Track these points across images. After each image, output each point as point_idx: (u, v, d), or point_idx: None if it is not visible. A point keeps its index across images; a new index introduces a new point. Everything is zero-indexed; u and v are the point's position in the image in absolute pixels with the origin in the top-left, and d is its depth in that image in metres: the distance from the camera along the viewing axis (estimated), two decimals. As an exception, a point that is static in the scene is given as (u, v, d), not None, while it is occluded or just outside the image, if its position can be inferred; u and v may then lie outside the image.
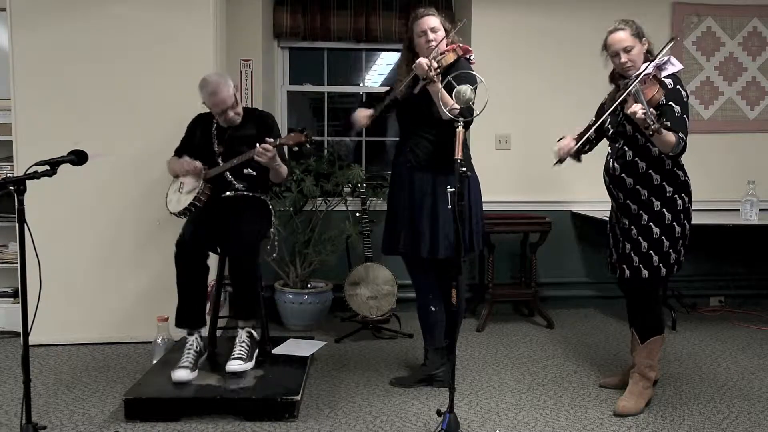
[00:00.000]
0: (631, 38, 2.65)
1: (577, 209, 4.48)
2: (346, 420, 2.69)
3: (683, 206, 2.68)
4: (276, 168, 2.99)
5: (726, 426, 2.67)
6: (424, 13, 2.92)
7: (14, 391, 2.97)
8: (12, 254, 3.84)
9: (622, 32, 2.66)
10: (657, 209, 2.67)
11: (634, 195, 2.70)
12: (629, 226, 2.73)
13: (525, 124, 4.50)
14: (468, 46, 2.95)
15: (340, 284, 4.02)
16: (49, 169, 2.31)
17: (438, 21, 2.90)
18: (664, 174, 2.66)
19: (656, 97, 2.51)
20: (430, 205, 2.87)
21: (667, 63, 2.63)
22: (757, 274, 4.73)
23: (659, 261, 2.68)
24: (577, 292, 4.61)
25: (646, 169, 2.67)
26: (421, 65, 2.72)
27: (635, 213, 2.71)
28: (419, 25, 2.90)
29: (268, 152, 2.85)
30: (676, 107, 2.57)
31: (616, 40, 2.67)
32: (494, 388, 3.07)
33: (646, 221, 2.68)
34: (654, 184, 2.67)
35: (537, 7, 4.46)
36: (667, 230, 2.67)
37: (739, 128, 4.65)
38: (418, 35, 2.91)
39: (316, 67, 4.78)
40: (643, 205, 2.69)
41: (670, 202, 2.66)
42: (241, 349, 2.91)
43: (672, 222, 2.67)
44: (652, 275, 2.70)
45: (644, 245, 2.69)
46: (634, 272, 2.72)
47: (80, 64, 3.56)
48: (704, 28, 4.57)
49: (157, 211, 3.34)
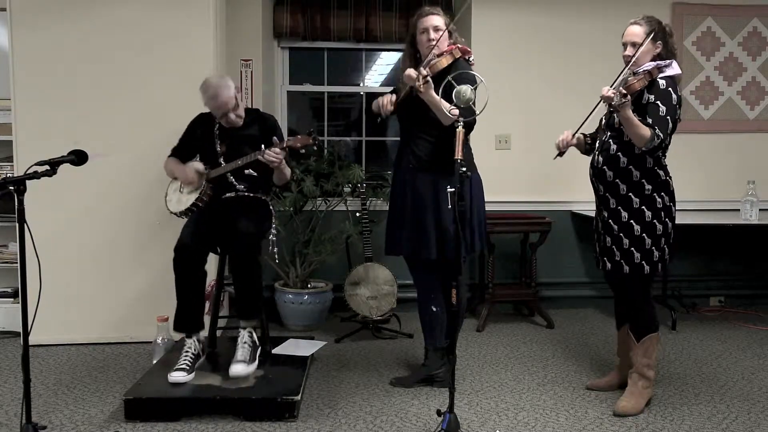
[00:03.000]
0: (643, 36, 2.68)
1: (577, 209, 4.48)
2: (346, 420, 2.69)
3: (663, 205, 2.71)
4: (282, 170, 3.00)
5: (726, 426, 2.67)
6: (430, 11, 2.93)
7: (14, 391, 2.97)
8: (12, 254, 3.84)
9: (638, 27, 2.71)
10: (636, 206, 2.71)
11: (613, 189, 2.74)
12: (607, 219, 2.77)
13: (525, 124, 4.50)
14: (467, 47, 2.95)
15: (340, 284, 4.02)
16: (49, 169, 2.31)
17: (442, 21, 2.90)
18: (644, 171, 2.70)
19: (635, 86, 2.60)
20: (434, 206, 2.87)
21: (668, 67, 2.66)
22: (757, 274, 4.73)
23: (641, 258, 2.71)
24: (577, 292, 4.61)
25: (627, 164, 2.71)
26: (410, 77, 2.74)
27: (614, 208, 2.75)
28: (423, 22, 2.91)
29: (278, 155, 2.87)
30: (662, 107, 2.61)
31: (629, 33, 2.72)
32: (494, 388, 3.07)
33: (627, 219, 2.72)
34: (633, 180, 2.70)
35: (537, 6, 4.46)
36: (648, 228, 2.70)
37: (739, 128, 4.65)
38: (420, 32, 2.91)
39: (316, 67, 4.78)
40: (622, 201, 2.73)
41: (650, 200, 2.70)
42: (244, 351, 2.89)
43: (653, 220, 2.70)
44: (634, 271, 2.72)
45: (625, 242, 2.72)
46: (615, 266, 2.76)
47: (80, 64, 3.56)
48: (704, 28, 4.57)
49: (157, 211, 3.34)
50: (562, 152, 2.85)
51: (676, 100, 2.65)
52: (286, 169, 3.03)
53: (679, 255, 4.39)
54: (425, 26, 2.89)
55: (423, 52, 2.92)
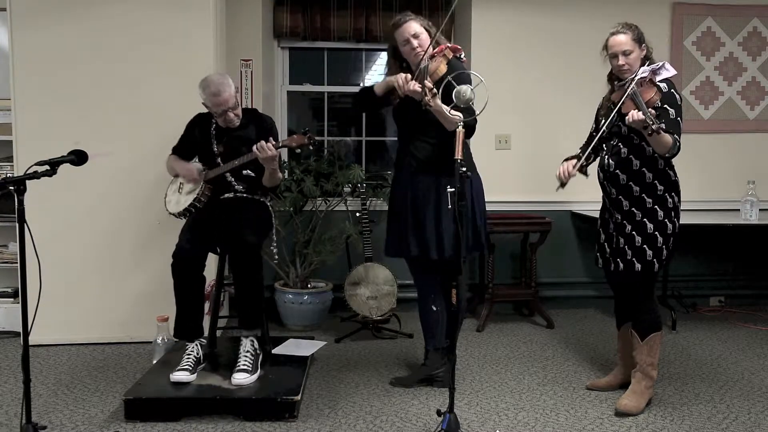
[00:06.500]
0: (631, 42, 2.70)
1: (577, 209, 4.48)
2: (346, 420, 2.69)
3: (673, 204, 2.75)
4: (273, 171, 2.99)
5: (726, 426, 2.67)
6: (402, 20, 2.86)
7: (14, 391, 2.97)
8: (12, 254, 3.84)
9: (623, 35, 2.71)
10: (649, 206, 2.73)
11: (626, 191, 2.75)
12: (621, 220, 2.78)
13: (525, 124, 4.50)
14: (457, 45, 2.91)
15: (340, 284, 4.02)
16: (49, 169, 2.31)
17: (418, 25, 2.84)
18: (657, 173, 2.72)
19: (653, 99, 2.58)
20: (435, 207, 2.86)
21: (662, 68, 2.67)
22: (757, 274, 4.73)
23: (653, 256, 2.73)
24: (577, 292, 4.61)
25: (639, 167, 2.72)
26: (415, 92, 2.68)
27: (627, 209, 2.76)
28: (400, 34, 2.85)
29: (267, 150, 2.85)
30: (671, 110, 2.63)
31: (616, 43, 2.72)
32: (494, 388, 3.07)
33: (640, 217, 2.73)
34: (646, 182, 2.72)
35: (537, 6, 4.46)
36: (660, 226, 2.72)
37: (739, 128, 4.65)
38: (402, 44, 2.86)
39: (316, 67, 4.78)
40: (635, 202, 2.74)
41: (662, 200, 2.73)
42: (246, 359, 2.89)
43: (664, 219, 2.73)
44: (645, 269, 2.74)
45: (638, 240, 2.73)
46: (627, 265, 2.76)
47: (80, 64, 3.56)
48: (704, 28, 4.57)
49: (157, 211, 3.34)
50: (564, 183, 2.79)
51: (680, 100, 2.68)
52: (278, 171, 3.02)
53: (679, 255, 4.39)
54: (404, 37, 2.83)
55: (411, 61, 2.87)
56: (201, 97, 3.01)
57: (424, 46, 2.82)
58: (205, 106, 3.05)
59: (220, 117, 3.04)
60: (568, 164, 2.80)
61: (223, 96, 2.96)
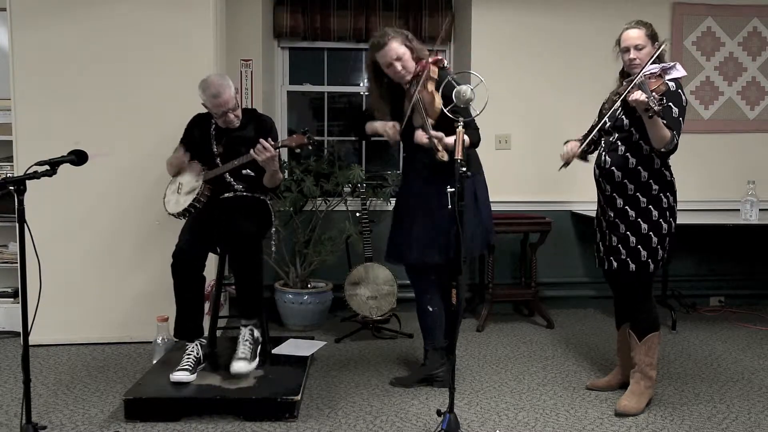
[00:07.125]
0: (644, 38, 2.72)
1: (577, 209, 4.48)
2: (346, 420, 2.69)
3: (668, 204, 2.75)
4: (273, 171, 2.99)
5: (726, 426, 2.67)
6: (383, 41, 2.79)
7: (14, 391, 2.97)
8: (12, 254, 3.84)
9: (637, 30, 2.73)
10: (643, 206, 2.73)
11: (621, 189, 2.75)
12: (614, 218, 2.78)
13: (525, 124, 4.50)
14: (438, 56, 2.85)
15: (340, 284, 4.02)
16: (49, 169, 2.31)
17: (399, 44, 2.78)
18: (652, 172, 2.72)
19: (660, 88, 2.59)
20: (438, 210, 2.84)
21: (673, 69, 2.68)
22: (757, 274, 4.73)
23: (647, 256, 2.72)
24: (577, 292, 4.61)
25: (635, 165, 2.72)
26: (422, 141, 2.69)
27: (620, 207, 2.76)
28: (382, 57, 2.80)
29: (266, 151, 2.85)
30: (675, 109, 2.63)
31: (629, 37, 2.74)
32: (494, 388, 3.07)
33: (634, 217, 2.73)
34: (641, 181, 2.72)
35: (537, 6, 4.46)
36: (654, 226, 2.72)
37: (739, 128, 4.65)
38: (385, 67, 2.83)
39: (316, 67, 4.78)
40: (629, 201, 2.74)
41: (656, 200, 2.72)
42: (245, 348, 2.90)
43: (659, 219, 2.72)
44: (640, 269, 2.74)
45: (632, 240, 2.73)
46: (621, 264, 2.76)
47: (80, 64, 3.56)
48: (704, 28, 4.57)
49: (157, 211, 3.33)
50: (567, 163, 2.83)
51: (685, 101, 2.68)
52: (278, 172, 3.02)
53: (679, 255, 4.39)
54: (387, 61, 2.79)
55: (396, 80, 2.86)
56: (201, 98, 3.01)
57: (408, 67, 2.80)
58: (205, 107, 3.05)
59: (220, 118, 3.04)
60: (574, 144, 2.83)
61: (223, 97, 2.96)
